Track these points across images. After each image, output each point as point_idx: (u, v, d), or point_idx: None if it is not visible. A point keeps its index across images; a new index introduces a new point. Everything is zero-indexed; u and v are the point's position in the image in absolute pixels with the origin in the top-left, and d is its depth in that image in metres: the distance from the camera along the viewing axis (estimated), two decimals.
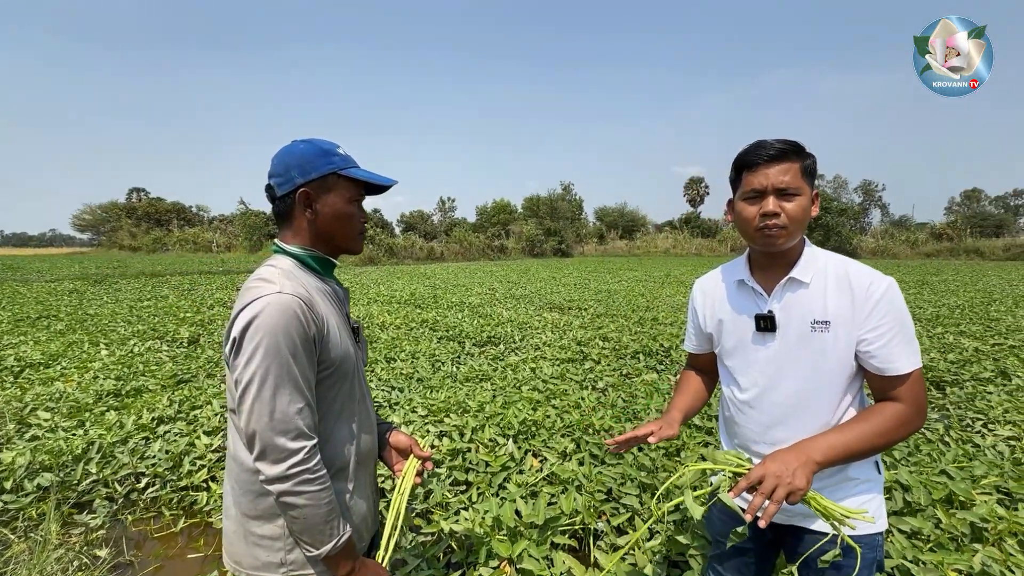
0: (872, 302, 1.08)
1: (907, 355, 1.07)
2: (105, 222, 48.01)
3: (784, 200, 1.10)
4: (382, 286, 13.21)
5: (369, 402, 1.26)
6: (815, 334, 1.12)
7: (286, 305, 0.97)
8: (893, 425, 1.05)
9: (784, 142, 1.11)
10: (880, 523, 1.16)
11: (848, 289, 1.11)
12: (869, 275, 1.11)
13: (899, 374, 1.07)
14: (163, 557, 2.38)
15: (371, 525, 1.24)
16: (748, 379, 1.22)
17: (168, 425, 3.43)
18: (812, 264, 1.16)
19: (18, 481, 2.73)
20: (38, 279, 14.86)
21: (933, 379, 4.64)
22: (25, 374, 4.74)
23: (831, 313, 1.11)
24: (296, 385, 0.98)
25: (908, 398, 1.07)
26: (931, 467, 2.67)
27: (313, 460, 0.99)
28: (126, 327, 7.01)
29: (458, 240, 37.20)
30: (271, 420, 0.95)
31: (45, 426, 3.45)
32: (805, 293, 1.14)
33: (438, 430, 3.33)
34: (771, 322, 1.16)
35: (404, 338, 6.35)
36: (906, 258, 33.07)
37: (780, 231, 1.11)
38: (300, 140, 1.13)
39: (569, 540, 2.24)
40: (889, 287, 1.09)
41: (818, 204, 1.17)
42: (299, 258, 1.13)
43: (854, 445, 1.04)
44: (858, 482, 1.16)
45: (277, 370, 0.95)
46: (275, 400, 0.96)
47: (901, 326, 1.08)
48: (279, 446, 0.96)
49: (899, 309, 1.08)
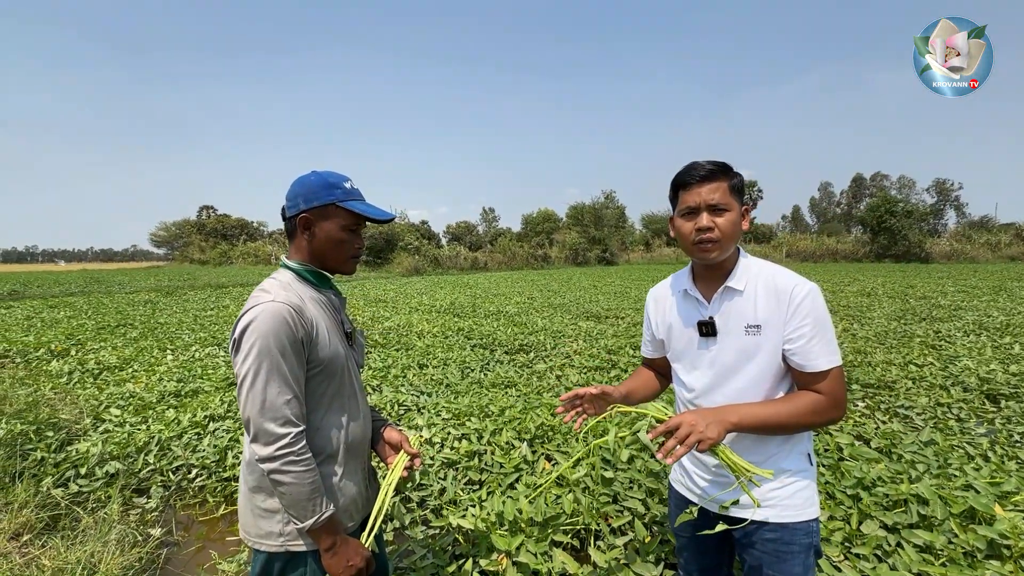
0: (795, 306, 1.17)
1: (825, 354, 1.16)
2: (178, 238, 52.13)
3: (716, 216, 1.20)
4: (425, 296, 13.64)
5: (362, 397, 1.41)
6: (749, 337, 1.22)
7: (277, 312, 1.15)
8: (807, 410, 1.16)
9: (713, 163, 1.22)
10: (811, 510, 1.23)
11: (775, 294, 1.20)
12: (793, 281, 1.20)
13: (818, 371, 1.16)
14: (205, 539, 2.65)
15: (361, 508, 1.39)
16: (694, 379, 1.32)
17: (218, 423, 3.77)
18: (746, 273, 1.25)
19: (90, 468, 3.11)
20: (119, 291, 16.38)
21: (989, 391, 4.35)
22: (103, 376, 5.32)
23: (761, 318, 1.20)
24: (284, 379, 1.14)
25: (826, 391, 1.16)
26: (955, 480, 2.56)
27: (298, 444, 1.15)
28: (190, 334, 7.66)
29: (502, 250, 37.65)
30: (262, 408, 1.12)
31: (115, 421, 3.88)
32: (740, 300, 1.24)
33: (459, 432, 3.49)
34: (711, 327, 1.27)
35: (439, 345, 6.58)
36: (986, 262, 30.41)
37: (713, 244, 1.21)
38: (314, 172, 1.31)
39: (571, 540, 2.33)
40: (810, 292, 1.18)
41: (748, 219, 1.26)
42: (297, 272, 1.31)
43: (769, 418, 1.15)
44: (791, 472, 1.24)
45: (268, 366, 1.12)
46: (266, 391, 1.12)
47: (821, 328, 1.17)
48: (268, 430, 1.13)
49: (819, 312, 1.17)
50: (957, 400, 4.14)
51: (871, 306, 9.75)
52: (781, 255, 39.02)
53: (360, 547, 1.27)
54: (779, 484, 1.23)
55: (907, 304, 9.89)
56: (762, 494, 1.22)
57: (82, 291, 16.58)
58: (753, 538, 1.25)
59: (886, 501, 2.40)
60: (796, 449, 1.25)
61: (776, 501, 1.22)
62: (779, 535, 1.22)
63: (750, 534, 1.26)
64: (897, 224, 32.02)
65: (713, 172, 1.20)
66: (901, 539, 2.14)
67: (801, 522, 1.22)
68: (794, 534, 1.21)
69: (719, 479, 1.30)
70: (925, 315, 8.46)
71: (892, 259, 32.51)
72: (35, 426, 3.57)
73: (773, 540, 1.22)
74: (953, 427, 3.56)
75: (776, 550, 1.22)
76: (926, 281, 15.57)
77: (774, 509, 1.22)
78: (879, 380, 4.68)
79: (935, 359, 5.39)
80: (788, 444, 1.24)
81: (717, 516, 1.31)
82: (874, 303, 10.22)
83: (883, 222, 32.80)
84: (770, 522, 1.22)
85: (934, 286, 13.70)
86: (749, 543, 1.27)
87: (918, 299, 10.70)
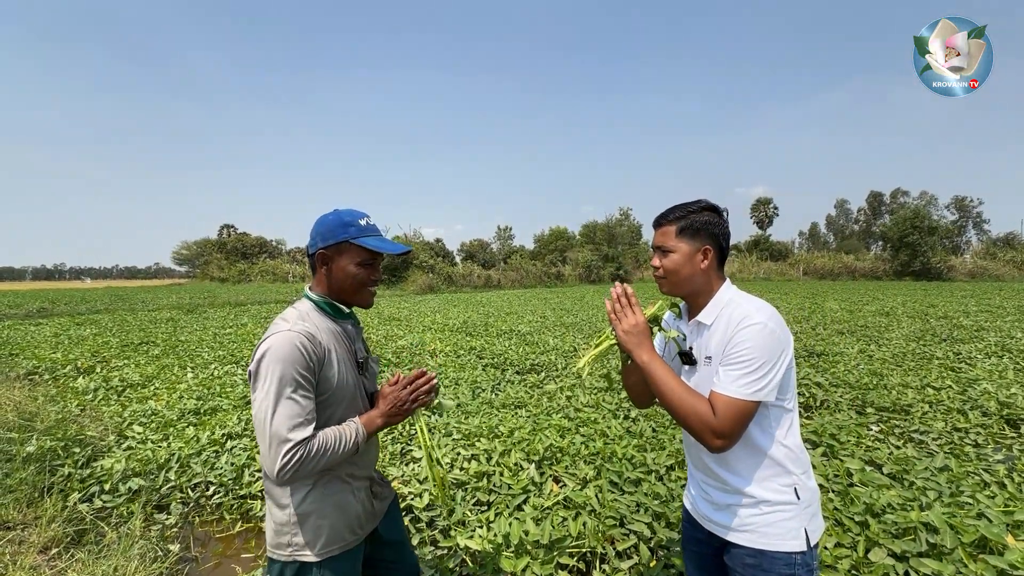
0: (734, 332, 1.24)
1: (734, 380, 1.20)
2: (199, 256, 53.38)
3: (662, 256, 1.37)
4: (438, 314, 13.77)
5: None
6: (705, 368, 1.32)
7: (290, 341, 1.26)
8: (691, 410, 1.21)
9: (671, 209, 1.38)
10: (795, 543, 1.25)
11: (727, 326, 1.27)
12: (745, 313, 1.24)
13: (718, 391, 1.21)
14: (221, 555, 2.73)
15: (365, 523, 1.47)
16: None
17: (235, 441, 3.88)
18: (715, 308, 1.33)
19: (114, 484, 3.23)
20: (142, 308, 16.85)
21: (1009, 416, 4.26)
22: (126, 393, 5.50)
23: (713, 350, 1.29)
24: (295, 403, 1.24)
25: (719, 414, 1.19)
26: (968, 509, 2.53)
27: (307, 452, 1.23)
28: (209, 352, 7.86)
29: (515, 268, 37.84)
30: (278, 424, 1.21)
31: (138, 438, 4.02)
32: (707, 333, 1.33)
33: (469, 453, 3.54)
34: (690, 358, 1.38)
35: (451, 365, 6.66)
36: (1011, 280, 29.63)
37: (661, 280, 1.38)
38: (335, 211, 1.43)
39: (577, 563, 2.36)
40: (756, 325, 1.21)
41: (709, 255, 1.33)
42: (316, 303, 1.43)
43: (663, 382, 1.24)
44: (772, 504, 1.26)
45: (279, 390, 1.23)
46: (281, 409, 1.22)
47: (748, 359, 1.20)
48: (282, 441, 1.20)
49: (755, 345, 1.20)
50: (975, 425, 4.06)
51: (889, 326, 9.59)
52: (798, 273, 38.53)
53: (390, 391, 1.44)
54: (758, 511, 1.27)
55: (927, 324, 9.71)
56: (741, 519, 1.28)
57: (107, 308, 17.08)
58: (736, 561, 1.31)
59: (895, 528, 2.39)
60: (777, 480, 1.27)
61: (754, 527, 1.26)
62: (758, 561, 1.26)
63: (734, 556, 1.31)
64: (920, 240, 31.46)
65: (664, 216, 1.37)
66: (909, 568, 2.13)
67: (782, 552, 1.24)
68: (773, 563, 1.25)
69: (707, 497, 1.39)
70: (945, 336, 8.30)
71: (912, 276, 31.89)
72: (63, 442, 3.71)
73: (752, 566, 1.27)
74: (969, 453, 3.51)
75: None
76: (948, 300, 15.25)
77: (752, 534, 1.26)
78: (894, 403, 4.62)
79: (953, 382, 5.30)
80: (768, 473, 1.27)
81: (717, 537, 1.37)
82: (892, 323, 10.05)
83: (906, 237, 32.25)
84: (748, 546, 1.27)
85: (956, 305, 13.41)
86: (733, 565, 1.32)
87: (939, 319, 10.49)
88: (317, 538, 1.33)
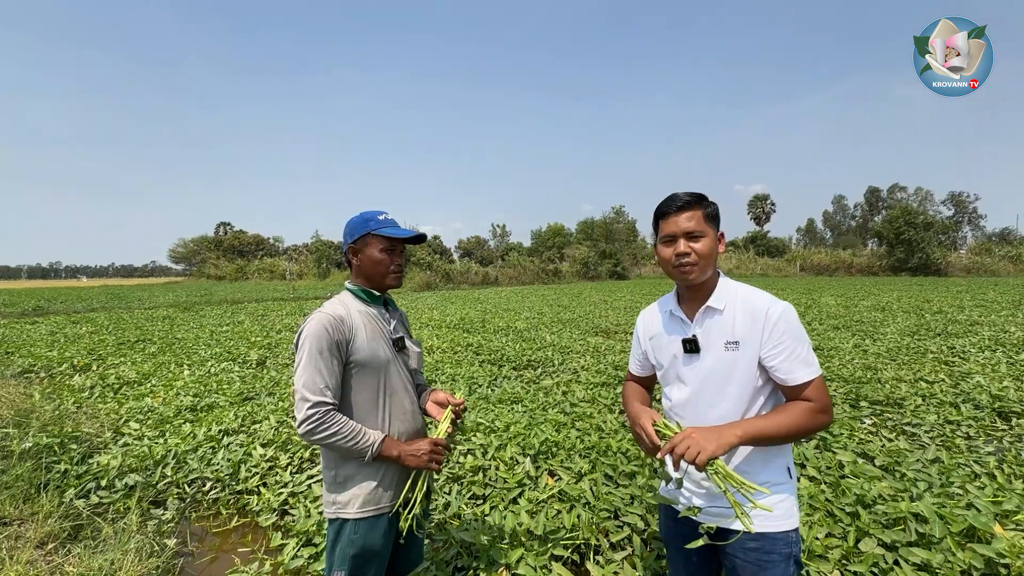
0: (771, 324, 1.27)
1: (805, 366, 1.25)
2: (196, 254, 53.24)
3: (692, 241, 1.31)
4: (436, 311, 13.77)
5: (404, 396, 1.64)
6: (728, 352, 1.31)
7: (320, 321, 1.48)
8: (801, 418, 1.23)
9: (689, 194, 1.33)
10: (791, 521, 1.30)
11: (751, 314, 1.29)
12: (767, 302, 1.29)
13: (800, 383, 1.25)
14: (218, 550, 2.74)
15: (394, 496, 1.57)
16: (679, 393, 1.41)
17: (232, 437, 3.89)
18: (725, 293, 1.35)
19: (111, 480, 3.24)
20: (139, 306, 16.81)
21: (1001, 409, 4.30)
22: (122, 391, 5.50)
23: (739, 335, 1.30)
24: (319, 369, 1.44)
25: (814, 399, 1.25)
26: (957, 499, 2.56)
27: (327, 413, 1.42)
28: (206, 350, 7.86)
29: (512, 265, 37.84)
30: (302, 386, 1.43)
31: (134, 435, 4.02)
32: (720, 318, 1.33)
33: (465, 448, 3.56)
34: (695, 344, 1.36)
35: (447, 361, 6.67)
36: (1008, 275, 29.75)
37: (692, 267, 1.32)
38: (360, 212, 1.64)
39: (571, 554, 2.37)
40: (784, 310, 1.27)
41: (723, 243, 1.37)
42: (353, 292, 1.65)
43: (768, 429, 1.22)
44: (771, 484, 1.30)
45: (310, 358, 1.44)
46: (305, 374, 1.43)
47: (797, 343, 1.26)
48: (303, 400, 1.42)
49: (794, 329, 1.27)
50: (967, 418, 4.10)
51: (884, 321, 9.64)
52: (795, 269, 38.64)
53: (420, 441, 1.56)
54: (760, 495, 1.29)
55: (922, 319, 9.76)
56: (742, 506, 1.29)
57: (103, 307, 17.04)
58: (735, 546, 1.32)
59: (885, 519, 2.41)
60: (776, 462, 1.32)
61: (757, 511, 1.27)
62: (760, 544, 1.28)
63: (733, 544, 1.32)
64: (916, 236, 31.58)
65: (689, 202, 1.32)
66: (899, 557, 2.16)
67: (781, 532, 1.28)
68: (775, 543, 1.28)
69: (700, 489, 1.38)
70: (940, 330, 8.35)
71: (909, 272, 32.00)
72: (59, 439, 3.71)
73: (755, 549, 1.28)
74: (960, 445, 3.54)
75: (758, 559, 1.29)
76: (943, 295, 15.32)
77: (755, 519, 1.27)
78: (888, 397, 4.65)
79: (947, 376, 5.34)
80: (770, 456, 1.31)
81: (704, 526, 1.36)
82: (888, 318, 10.10)
83: (901, 234, 32.36)
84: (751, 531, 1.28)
85: (951, 300, 13.48)
86: (732, 551, 1.33)
87: (933, 314, 10.55)
88: (355, 499, 1.52)
